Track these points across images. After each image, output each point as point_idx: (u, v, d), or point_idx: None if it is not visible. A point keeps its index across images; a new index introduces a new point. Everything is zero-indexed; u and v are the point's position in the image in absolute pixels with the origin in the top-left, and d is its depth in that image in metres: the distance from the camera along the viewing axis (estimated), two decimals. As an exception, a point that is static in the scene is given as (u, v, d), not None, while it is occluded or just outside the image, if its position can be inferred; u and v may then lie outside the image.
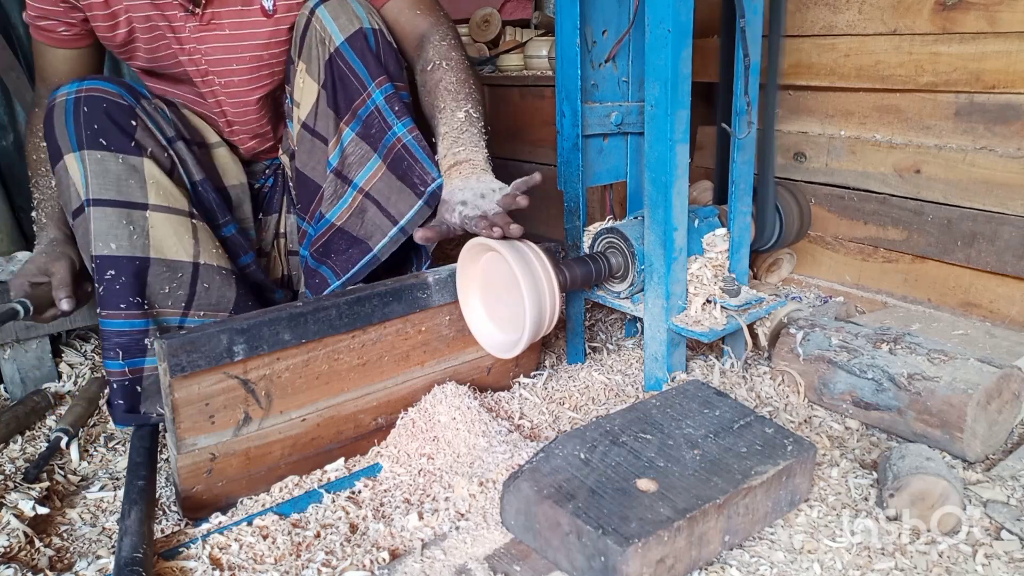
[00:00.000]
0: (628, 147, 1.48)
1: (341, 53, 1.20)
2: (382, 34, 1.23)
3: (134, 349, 1.12)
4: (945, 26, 1.47)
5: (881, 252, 1.65)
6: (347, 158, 1.25)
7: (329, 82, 1.22)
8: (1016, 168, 1.40)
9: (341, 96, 1.23)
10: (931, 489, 0.92)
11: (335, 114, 1.24)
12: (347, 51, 1.20)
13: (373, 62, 1.21)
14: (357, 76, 1.21)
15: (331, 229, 1.30)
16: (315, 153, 1.29)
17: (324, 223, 1.30)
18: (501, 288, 1.15)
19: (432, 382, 1.22)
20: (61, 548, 0.98)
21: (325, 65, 1.22)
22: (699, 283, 1.29)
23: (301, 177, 1.33)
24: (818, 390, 1.24)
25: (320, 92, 1.24)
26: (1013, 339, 1.35)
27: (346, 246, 1.29)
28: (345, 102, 1.23)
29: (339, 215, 1.28)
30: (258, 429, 1.05)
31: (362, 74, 1.21)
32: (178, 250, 1.15)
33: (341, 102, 1.23)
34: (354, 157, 1.24)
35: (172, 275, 1.14)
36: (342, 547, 0.93)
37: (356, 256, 1.28)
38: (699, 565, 0.86)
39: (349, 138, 1.24)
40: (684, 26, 1.15)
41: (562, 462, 0.93)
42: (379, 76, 1.21)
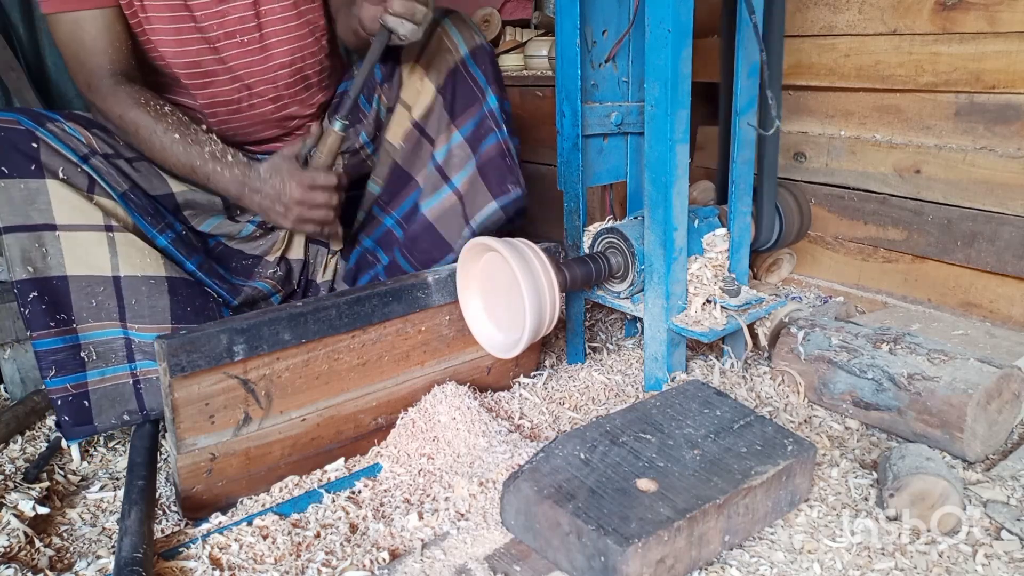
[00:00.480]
0: (628, 147, 1.48)
1: (465, 63, 1.32)
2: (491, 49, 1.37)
3: (72, 364, 1.14)
4: (945, 26, 1.47)
5: (881, 252, 1.65)
6: (452, 158, 1.34)
7: (449, 88, 1.32)
8: (1016, 168, 1.40)
9: (459, 101, 1.33)
10: (931, 489, 0.92)
11: (449, 117, 1.33)
12: (470, 62, 1.32)
13: (492, 72, 1.34)
14: (478, 85, 1.32)
15: (424, 224, 1.37)
16: (419, 151, 1.37)
17: (418, 215, 1.38)
18: (501, 288, 1.15)
19: (432, 382, 1.22)
20: (61, 548, 0.98)
21: (449, 72, 1.32)
22: (699, 283, 1.29)
23: (398, 171, 1.38)
24: (818, 390, 1.24)
25: (437, 96, 1.33)
26: (1013, 339, 1.35)
27: (430, 246, 1.37)
28: (461, 107, 1.33)
29: (431, 209, 1.36)
30: (258, 429, 1.05)
31: (482, 83, 1.33)
32: (94, 265, 1.15)
33: (458, 106, 1.33)
34: (457, 159, 1.34)
35: (93, 289, 1.15)
36: (342, 547, 0.93)
37: (437, 256, 1.37)
38: (699, 565, 0.86)
39: (457, 140, 1.34)
40: (684, 26, 1.15)
41: (562, 462, 0.93)
42: (494, 86, 1.34)
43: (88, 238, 1.15)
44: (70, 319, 1.14)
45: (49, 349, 1.13)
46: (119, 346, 1.17)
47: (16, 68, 2.04)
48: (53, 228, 1.13)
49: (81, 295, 1.14)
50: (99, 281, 1.15)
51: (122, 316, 1.17)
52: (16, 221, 1.11)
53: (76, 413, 1.15)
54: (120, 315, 1.17)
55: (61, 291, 1.13)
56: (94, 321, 1.15)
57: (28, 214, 1.12)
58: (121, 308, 1.17)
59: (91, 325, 1.15)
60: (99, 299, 1.15)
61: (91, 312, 1.15)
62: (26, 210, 1.12)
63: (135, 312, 1.17)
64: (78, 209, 1.15)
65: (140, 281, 1.18)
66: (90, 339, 1.15)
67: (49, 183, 1.14)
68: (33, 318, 1.12)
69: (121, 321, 1.17)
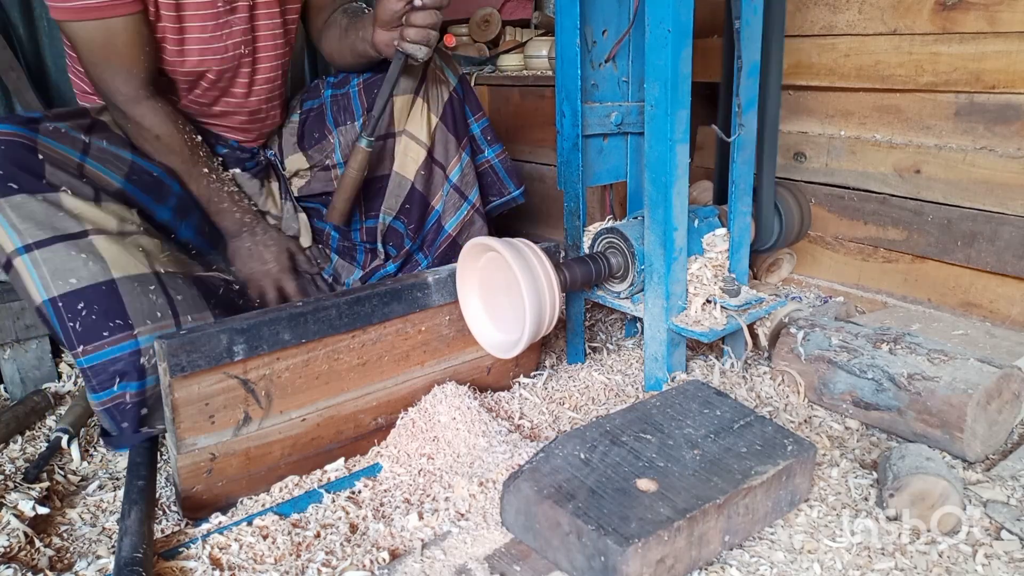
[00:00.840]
0: (628, 147, 1.48)
1: (457, 92, 1.48)
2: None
3: (134, 372, 1.08)
4: (945, 26, 1.47)
5: (881, 252, 1.65)
6: (464, 177, 1.50)
7: (449, 116, 1.47)
8: (1016, 168, 1.40)
9: (460, 126, 1.49)
10: (931, 489, 0.92)
11: (456, 141, 1.49)
12: (460, 91, 1.49)
13: (473, 100, 1.53)
14: (464, 111, 1.51)
15: (448, 239, 1.52)
16: (433, 177, 1.49)
17: (443, 233, 1.52)
18: (501, 288, 1.15)
19: (432, 382, 1.22)
20: (61, 548, 0.98)
21: (447, 103, 1.47)
22: (699, 283, 1.29)
23: (416, 197, 1.49)
24: (818, 390, 1.24)
25: (439, 124, 1.47)
26: (1013, 339, 1.35)
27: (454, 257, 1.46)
28: (461, 131, 1.49)
29: (455, 226, 1.51)
30: (258, 429, 1.05)
31: (467, 109, 1.51)
32: (136, 264, 1.12)
33: (460, 131, 1.49)
34: (469, 178, 1.51)
35: (144, 287, 1.12)
36: (342, 547, 0.93)
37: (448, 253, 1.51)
38: (699, 565, 0.86)
39: (466, 161, 1.50)
40: (684, 26, 1.15)
41: (562, 462, 0.93)
42: (478, 112, 1.54)
43: (116, 240, 1.13)
44: (127, 323, 1.08)
45: (108, 360, 1.07)
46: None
47: (16, 68, 2.04)
48: (85, 235, 1.10)
49: (134, 296, 1.09)
50: (146, 279, 1.12)
51: (174, 312, 1.13)
52: (45, 235, 1.07)
53: (134, 421, 1.11)
54: (172, 311, 1.13)
55: (113, 295, 1.08)
56: (152, 323, 1.10)
57: (55, 225, 1.09)
58: (171, 304, 1.13)
59: (148, 328, 1.10)
60: (152, 296, 1.12)
61: (147, 312, 1.10)
62: (52, 222, 1.09)
63: (183, 306, 1.15)
64: (95, 217, 1.14)
65: (175, 276, 1.17)
66: (151, 343, 1.09)
67: (62, 196, 1.12)
68: (85, 331, 1.06)
69: (175, 317, 1.13)
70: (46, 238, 1.07)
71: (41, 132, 1.16)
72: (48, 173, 1.12)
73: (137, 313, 1.09)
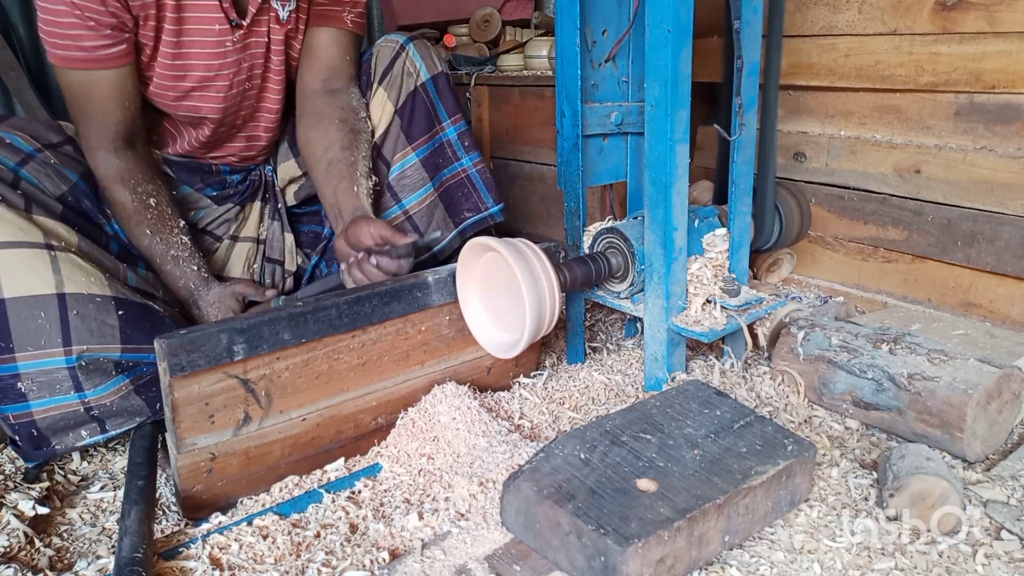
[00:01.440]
0: (628, 147, 1.48)
1: (426, 88, 1.39)
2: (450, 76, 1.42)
3: (13, 394, 1.05)
4: (945, 26, 1.47)
5: (881, 252, 1.65)
6: (404, 179, 1.40)
7: (408, 110, 1.39)
8: (1016, 168, 1.40)
9: (416, 124, 1.40)
10: (931, 489, 0.92)
11: (406, 138, 1.40)
12: (431, 87, 1.40)
13: (451, 101, 1.42)
14: (435, 110, 1.40)
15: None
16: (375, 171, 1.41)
17: None
18: (501, 288, 1.15)
19: (432, 382, 1.22)
20: (61, 548, 0.98)
21: (409, 94, 1.39)
22: (699, 283, 1.29)
23: None
24: (818, 390, 1.24)
25: (395, 117, 1.40)
26: (1013, 339, 1.35)
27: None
28: (418, 130, 1.40)
29: None
30: (258, 429, 1.05)
31: (439, 109, 1.41)
32: (36, 283, 1.06)
33: (415, 129, 1.40)
34: (410, 180, 1.41)
35: (33, 312, 1.05)
36: (342, 547, 0.93)
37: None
38: (699, 565, 0.86)
39: (412, 162, 1.40)
40: (684, 26, 1.15)
41: (562, 462, 0.93)
42: (455, 114, 1.42)
43: (28, 255, 1.06)
44: (9, 347, 1.04)
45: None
46: (63, 376, 1.07)
47: (16, 68, 2.04)
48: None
49: (20, 319, 1.04)
50: (41, 301, 1.05)
51: (66, 340, 1.06)
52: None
53: (29, 439, 1.08)
54: (64, 339, 1.06)
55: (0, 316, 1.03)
56: (33, 350, 1.05)
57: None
58: (65, 331, 1.06)
59: (30, 354, 1.05)
60: (40, 322, 1.05)
61: (31, 339, 1.04)
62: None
63: (81, 334, 1.07)
64: (15, 225, 1.07)
65: (86, 299, 1.08)
66: (30, 369, 1.05)
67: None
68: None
69: (65, 347, 1.06)
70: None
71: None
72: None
73: (21, 336, 1.04)
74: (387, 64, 1.41)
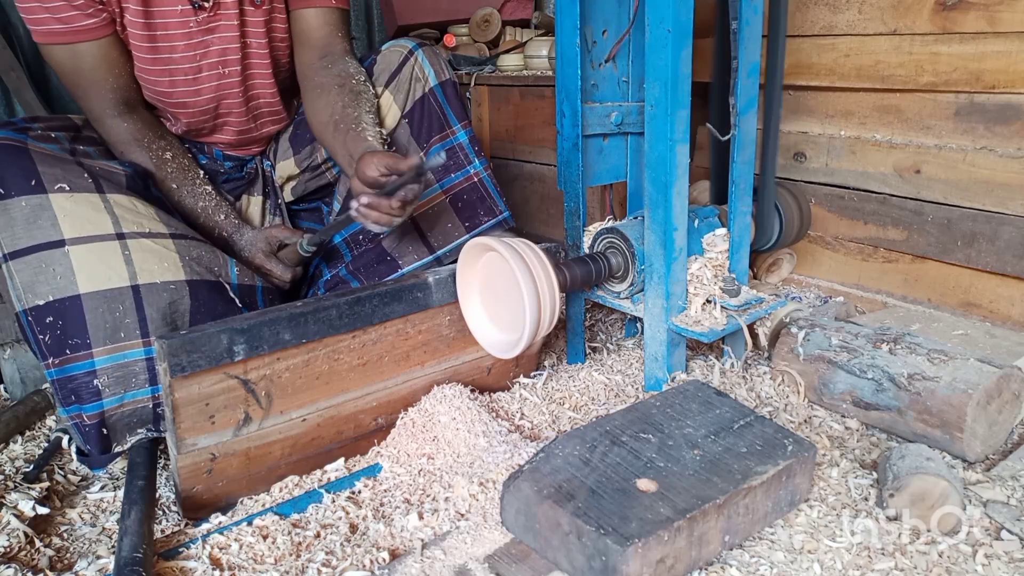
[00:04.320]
0: (628, 147, 1.48)
1: (434, 93, 1.40)
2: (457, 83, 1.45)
3: (87, 393, 1.06)
4: (945, 26, 1.47)
5: (881, 252, 1.65)
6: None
7: (416, 114, 1.40)
8: (1016, 168, 1.40)
9: (424, 128, 1.40)
10: (931, 489, 0.92)
11: (415, 142, 1.40)
12: (439, 93, 1.40)
13: (459, 107, 1.43)
14: (444, 115, 1.41)
15: (378, 250, 1.42)
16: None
17: (372, 239, 1.42)
18: (501, 288, 1.15)
19: (432, 382, 1.22)
20: (61, 548, 0.98)
21: (417, 100, 1.40)
22: (699, 283, 1.29)
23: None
24: (818, 390, 1.24)
25: (402, 121, 1.41)
26: (1013, 339, 1.35)
27: (376, 261, 1.41)
28: (426, 134, 1.40)
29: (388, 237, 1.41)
30: (258, 429, 1.05)
31: (448, 114, 1.41)
32: (111, 278, 1.07)
33: (423, 133, 1.40)
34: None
35: (111, 305, 1.07)
36: (342, 547, 0.93)
37: (383, 272, 1.40)
38: (699, 565, 0.86)
39: None
40: (684, 26, 1.15)
41: (562, 462, 0.93)
42: (463, 119, 1.43)
43: (99, 249, 1.08)
44: (86, 343, 1.05)
45: (65, 377, 1.05)
46: (140, 368, 1.09)
47: (16, 68, 2.04)
48: (61, 244, 1.06)
49: (97, 314, 1.06)
50: (117, 294, 1.07)
51: (144, 331, 1.09)
52: (20, 244, 1.05)
53: (98, 441, 1.09)
54: (142, 331, 1.09)
55: (75, 312, 1.05)
56: (111, 343, 1.07)
57: (33, 233, 1.06)
58: (142, 322, 1.09)
59: (108, 348, 1.07)
60: (118, 315, 1.07)
61: (108, 333, 1.06)
62: (30, 230, 1.06)
63: (156, 324, 1.10)
64: (85, 218, 1.09)
65: (160, 288, 1.11)
66: (107, 364, 1.07)
67: (52, 196, 1.08)
68: (49, 346, 1.05)
69: (143, 338, 1.09)
70: (21, 248, 1.05)
71: (30, 135, 1.15)
72: (41, 173, 1.09)
73: (98, 331, 1.06)
74: (394, 69, 1.41)
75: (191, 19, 1.27)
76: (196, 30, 1.28)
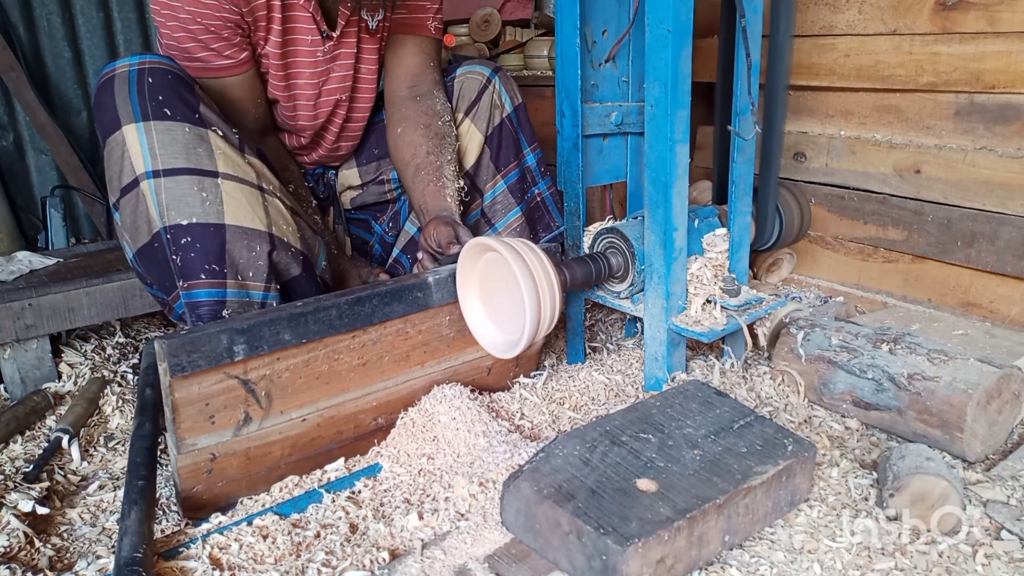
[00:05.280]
0: (628, 147, 1.48)
1: (511, 118, 1.49)
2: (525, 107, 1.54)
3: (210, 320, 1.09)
4: (945, 26, 1.47)
5: (881, 252, 1.65)
6: (495, 205, 1.51)
7: (495, 139, 1.49)
8: (1016, 168, 1.40)
9: (503, 153, 1.50)
10: (931, 489, 0.92)
11: (495, 167, 1.50)
12: (515, 118, 1.50)
13: (529, 130, 1.52)
14: (517, 140, 1.50)
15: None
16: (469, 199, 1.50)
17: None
18: (501, 288, 1.15)
19: (432, 382, 1.22)
20: (61, 548, 0.98)
21: (496, 126, 1.49)
22: (699, 283, 1.29)
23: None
24: (818, 390, 1.24)
25: (484, 147, 1.49)
26: (1013, 339, 1.35)
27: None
28: (505, 159, 1.50)
29: None
30: (258, 429, 1.05)
31: (521, 139, 1.51)
32: (253, 219, 1.12)
33: (502, 158, 1.50)
34: (500, 206, 1.51)
35: (250, 243, 1.12)
36: (342, 547, 0.93)
37: None
38: (699, 565, 0.86)
39: (501, 189, 1.50)
40: (684, 26, 1.15)
41: (562, 462, 0.93)
42: (533, 143, 1.52)
43: (246, 192, 1.13)
44: (222, 271, 1.10)
45: (197, 301, 1.09)
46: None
47: (16, 68, 2.04)
48: (215, 175, 1.10)
49: (236, 247, 1.10)
50: (256, 235, 1.13)
51: (268, 277, 1.14)
52: (177, 164, 1.08)
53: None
54: (268, 276, 1.14)
55: (218, 239, 1.09)
56: (242, 278, 1.12)
57: (190, 157, 1.09)
58: (270, 267, 1.14)
59: (241, 282, 1.12)
60: (254, 255, 1.12)
61: (243, 267, 1.11)
62: (188, 154, 1.09)
63: (278, 275, 1.16)
64: (235, 162, 1.14)
65: (285, 246, 1.17)
66: (235, 298, 1.11)
67: (210, 133, 1.12)
68: (186, 266, 1.08)
69: (267, 283, 1.14)
70: (177, 167, 1.08)
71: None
72: (203, 110, 1.13)
73: (233, 265, 1.11)
74: (474, 97, 1.48)
75: (319, 48, 1.34)
76: (321, 59, 1.35)
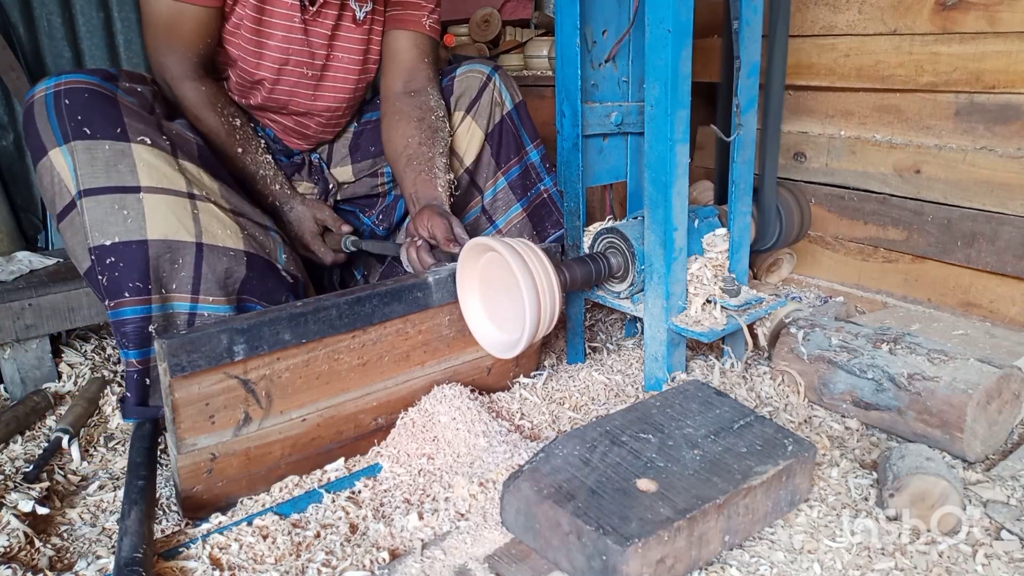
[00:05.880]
0: (628, 147, 1.48)
1: (511, 115, 1.49)
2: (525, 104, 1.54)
3: (140, 337, 1.09)
4: (945, 26, 1.47)
5: (881, 252, 1.65)
6: (496, 201, 1.51)
7: (496, 136, 1.49)
8: (1016, 168, 1.40)
9: (504, 150, 1.50)
10: (931, 489, 0.92)
11: (495, 163, 1.50)
12: (515, 115, 1.49)
13: (531, 127, 1.52)
14: (519, 137, 1.50)
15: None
16: (468, 197, 1.52)
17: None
18: (501, 288, 1.15)
19: (432, 382, 1.22)
20: (61, 548, 0.98)
21: (496, 124, 1.49)
22: (699, 283, 1.29)
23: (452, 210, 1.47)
24: (818, 390, 1.24)
25: (485, 144, 1.50)
26: (1013, 339, 1.35)
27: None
28: (506, 156, 1.50)
29: None
30: (258, 429, 1.05)
31: (523, 135, 1.51)
32: (179, 230, 1.11)
33: (503, 154, 1.50)
34: (501, 202, 1.51)
35: (173, 255, 1.11)
36: (342, 547, 0.93)
37: None
38: (699, 565, 0.86)
39: (502, 186, 1.50)
40: (684, 26, 1.15)
41: (562, 462, 0.93)
42: (535, 139, 1.52)
43: (171, 203, 1.12)
44: (147, 287, 1.09)
45: (123, 319, 1.08)
46: (182, 322, 1.13)
47: (16, 68, 2.04)
48: (136, 191, 1.09)
49: (159, 261, 1.10)
50: (181, 247, 1.11)
51: (195, 288, 1.13)
52: (97, 183, 1.07)
53: (138, 390, 1.12)
54: (194, 286, 1.13)
55: (140, 256, 1.08)
56: (167, 292, 1.11)
57: (111, 175, 1.08)
58: (197, 278, 1.13)
59: (165, 296, 1.11)
60: (177, 267, 1.11)
61: (166, 280, 1.11)
62: (108, 172, 1.09)
63: (209, 284, 1.14)
64: (161, 172, 1.13)
65: (220, 252, 1.15)
66: (158, 312, 1.11)
67: (134, 146, 1.11)
68: (111, 285, 1.07)
69: (193, 294, 1.13)
70: (98, 187, 1.08)
71: (120, 88, 1.18)
72: (127, 124, 1.12)
73: (157, 279, 1.10)
74: (475, 95, 1.48)
75: (296, 15, 1.33)
76: (297, 25, 1.34)
